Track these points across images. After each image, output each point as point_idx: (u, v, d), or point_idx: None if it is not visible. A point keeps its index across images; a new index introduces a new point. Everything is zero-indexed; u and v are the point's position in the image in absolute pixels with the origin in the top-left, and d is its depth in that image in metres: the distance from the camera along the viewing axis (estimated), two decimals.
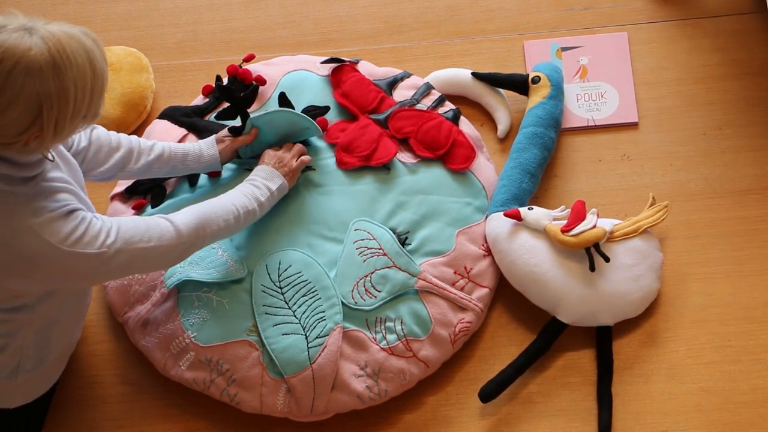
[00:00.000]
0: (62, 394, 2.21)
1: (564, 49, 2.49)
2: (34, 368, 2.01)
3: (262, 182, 2.14)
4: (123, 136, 2.15)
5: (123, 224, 1.90)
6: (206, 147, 2.23)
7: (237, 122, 2.32)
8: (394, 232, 2.24)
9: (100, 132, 2.12)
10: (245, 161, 2.30)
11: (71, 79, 1.71)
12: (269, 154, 2.21)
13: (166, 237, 1.94)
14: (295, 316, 2.16)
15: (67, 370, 2.21)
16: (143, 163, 2.15)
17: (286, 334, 2.14)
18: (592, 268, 2.15)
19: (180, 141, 2.36)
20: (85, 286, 2.07)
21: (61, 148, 1.97)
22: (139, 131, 2.45)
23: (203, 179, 2.31)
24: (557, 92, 2.36)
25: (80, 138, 2.07)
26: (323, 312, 2.16)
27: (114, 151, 2.12)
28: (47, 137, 1.74)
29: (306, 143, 2.31)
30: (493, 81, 2.41)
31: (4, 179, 1.78)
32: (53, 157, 1.86)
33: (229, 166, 2.31)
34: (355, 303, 2.18)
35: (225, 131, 2.27)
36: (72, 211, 1.83)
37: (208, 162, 2.22)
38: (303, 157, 2.24)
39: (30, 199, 1.80)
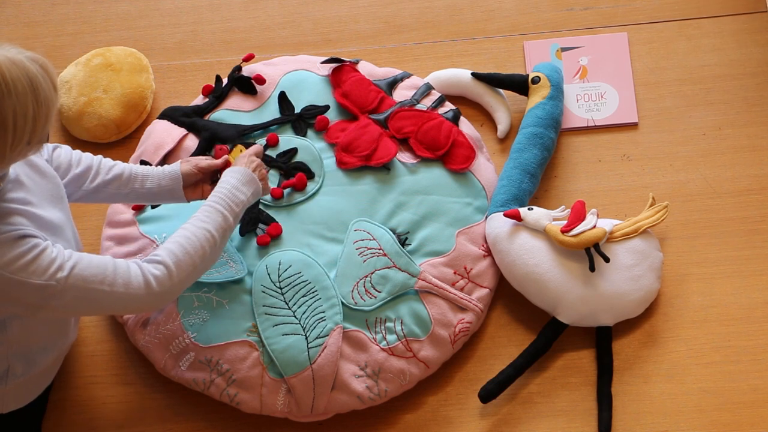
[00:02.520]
0: (62, 394, 2.21)
1: (564, 49, 2.49)
2: (23, 374, 1.99)
3: (234, 187, 2.02)
4: (87, 156, 2.09)
5: (84, 261, 1.83)
6: (168, 167, 2.13)
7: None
8: (394, 233, 2.24)
9: (62, 151, 2.06)
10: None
11: (9, 107, 1.66)
12: (242, 154, 2.10)
13: (134, 286, 1.86)
14: (295, 316, 2.16)
15: (66, 371, 2.21)
16: (99, 182, 2.07)
17: (286, 334, 2.14)
18: (592, 269, 2.15)
19: (180, 141, 2.36)
20: (34, 315, 1.87)
21: (40, 161, 1.93)
22: (139, 131, 2.45)
23: None
24: (557, 92, 2.36)
25: (41, 157, 1.99)
26: (323, 312, 2.16)
27: (71, 168, 2.05)
28: None
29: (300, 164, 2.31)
30: (493, 81, 2.41)
31: None
32: (7, 179, 1.80)
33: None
34: (355, 303, 2.18)
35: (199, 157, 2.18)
36: (23, 237, 1.78)
37: (170, 182, 2.11)
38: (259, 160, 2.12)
39: None
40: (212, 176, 2.17)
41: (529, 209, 2.22)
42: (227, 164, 2.15)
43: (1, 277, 1.76)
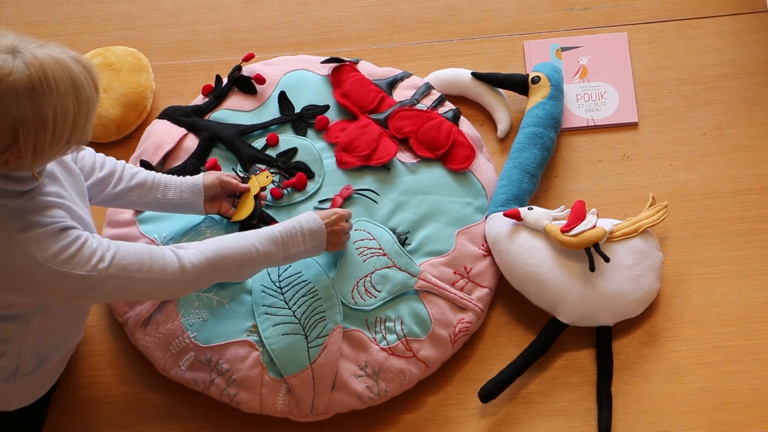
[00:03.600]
0: (62, 394, 2.21)
1: (564, 49, 2.49)
2: (32, 372, 2.00)
3: (301, 232, 2.06)
4: (110, 160, 2.11)
5: (122, 250, 1.86)
6: (191, 179, 2.16)
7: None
8: (394, 232, 2.24)
9: (86, 153, 2.08)
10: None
11: (50, 106, 1.69)
12: (333, 211, 2.12)
13: (169, 272, 1.90)
14: (295, 316, 2.16)
15: (67, 371, 2.21)
16: (121, 188, 2.09)
17: (286, 334, 2.14)
18: (592, 268, 2.15)
19: (180, 141, 2.36)
20: (76, 305, 1.99)
21: (67, 159, 1.95)
22: (139, 131, 2.45)
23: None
24: (557, 92, 2.36)
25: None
26: (323, 312, 2.16)
27: (94, 172, 2.07)
28: (26, 160, 1.72)
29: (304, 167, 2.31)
30: (493, 81, 2.41)
31: None
32: (45, 173, 1.83)
33: None
34: (355, 303, 2.18)
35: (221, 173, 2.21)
36: (65, 229, 1.81)
37: (191, 195, 2.14)
38: (347, 226, 2.15)
39: (22, 214, 1.78)
40: (231, 194, 2.21)
41: (529, 209, 2.22)
42: (250, 189, 2.21)
43: (46, 269, 1.79)
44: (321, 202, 2.28)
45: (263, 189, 2.23)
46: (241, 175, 2.29)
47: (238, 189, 2.20)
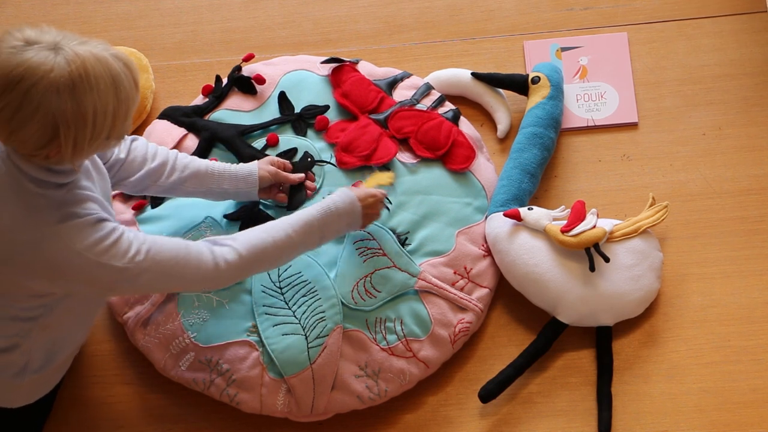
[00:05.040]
0: (62, 394, 2.21)
1: (564, 49, 2.50)
2: (40, 369, 2.01)
3: (336, 213, 2.06)
4: (162, 149, 2.14)
5: (158, 244, 1.88)
6: (245, 169, 2.18)
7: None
8: (394, 233, 2.24)
9: (139, 143, 2.11)
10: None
11: (90, 102, 1.72)
12: (361, 187, 2.15)
13: (203, 269, 1.92)
14: (295, 316, 2.16)
15: (67, 370, 2.21)
16: (175, 179, 2.13)
17: (286, 334, 2.14)
18: (592, 269, 2.15)
19: (180, 141, 2.36)
20: (110, 296, 2.09)
21: (97, 158, 1.98)
22: (139, 131, 2.45)
23: None
24: (557, 92, 2.36)
25: (120, 149, 2.07)
26: (323, 312, 2.16)
27: (147, 162, 2.11)
28: (66, 154, 1.75)
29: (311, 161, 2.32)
30: (493, 81, 2.41)
31: (37, 182, 1.80)
32: (82, 167, 1.87)
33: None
34: (355, 303, 2.18)
35: (276, 158, 2.23)
36: (101, 220, 1.84)
37: (246, 185, 2.17)
38: (381, 207, 2.17)
39: (61, 205, 1.81)
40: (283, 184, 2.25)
41: (529, 209, 2.22)
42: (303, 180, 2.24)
43: (85, 259, 1.81)
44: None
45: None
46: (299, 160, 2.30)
47: (290, 181, 2.22)
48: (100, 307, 2.08)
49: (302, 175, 2.24)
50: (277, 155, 2.33)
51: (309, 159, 2.30)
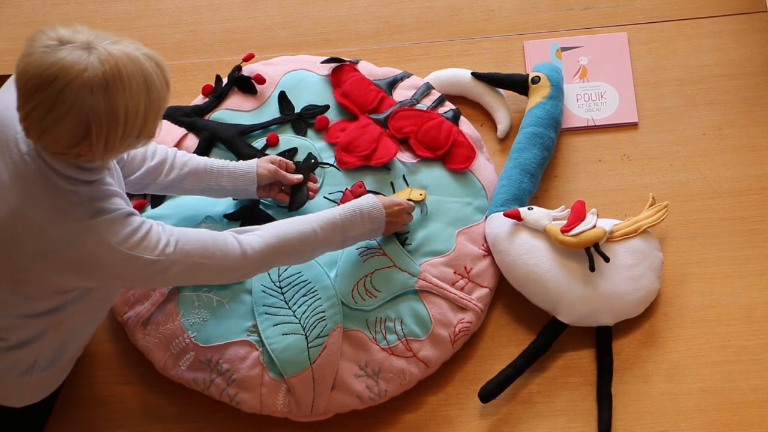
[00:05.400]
0: (63, 394, 2.21)
1: (564, 49, 2.50)
2: (47, 367, 2.01)
3: (360, 216, 2.09)
4: (161, 148, 2.15)
5: (185, 236, 1.91)
6: (244, 166, 2.19)
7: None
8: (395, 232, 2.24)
9: None
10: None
11: (122, 102, 1.73)
12: (395, 200, 2.17)
13: (230, 257, 1.94)
14: (295, 316, 2.16)
15: None
16: (174, 177, 2.14)
17: (286, 334, 2.14)
18: (592, 268, 2.15)
19: (180, 140, 2.36)
20: (141, 288, 2.13)
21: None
22: None
23: None
24: (557, 92, 2.36)
25: None
26: (323, 312, 2.16)
27: (146, 161, 2.12)
28: (97, 153, 1.77)
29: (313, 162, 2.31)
30: (493, 81, 2.41)
31: (68, 180, 1.81)
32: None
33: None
34: (355, 303, 2.18)
35: (278, 158, 2.24)
36: (130, 214, 1.86)
37: (245, 182, 2.18)
38: (407, 219, 2.19)
39: (91, 200, 1.83)
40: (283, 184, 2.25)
41: (529, 209, 2.22)
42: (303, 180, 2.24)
43: (119, 253, 1.83)
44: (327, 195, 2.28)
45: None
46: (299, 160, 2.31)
47: (288, 181, 2.23)
48: (109, 307, 2.08)
49: (300, 176, 2.24)
50: (276, 155, 2.32)
51: (312, 161, 2.29)
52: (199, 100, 2.44)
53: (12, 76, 1.87)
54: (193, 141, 2.37)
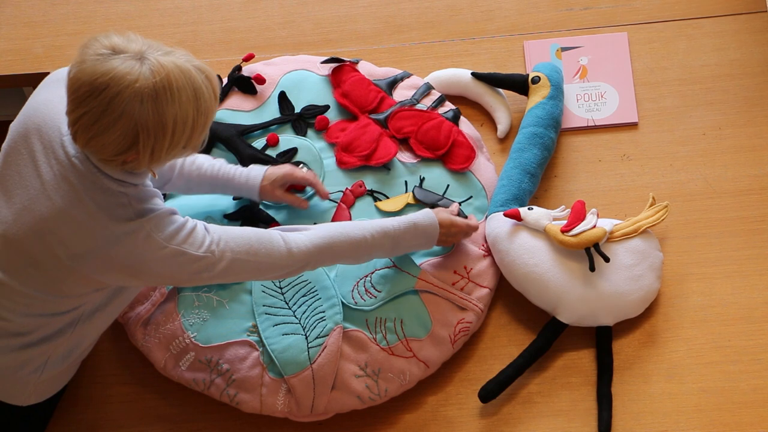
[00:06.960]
0: (63, 394, 2.21)
1: (564, 49, 2.50)
2: (57, 365, 2.02)
3: (414, 230, 2.11)
4: None
5: (228, 233, 1.93)
6: (251, 178, 2.19)
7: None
8: None
9: None
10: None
11: (171, 113, 1.75)
12: (446, 211, 2.18)
13: (275, 255, 1.96)
14: (295, 316, 2.16)
15: None
16: (182, 185, 2.17)
17: (286, 334, 2.15)
18: (592, 269, 2.15)
19: None
20: (187, 286, 2.12)
21: None
22: None
23: None
24: (557, 92, 2.36)
25: None
26: (323, 312, 2.16)
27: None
28: (143, 161, 1.80)
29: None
30: (493, 81, 2.41)
31: (118, 182, 1.84)
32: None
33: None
34: (355, 303, 2.18)
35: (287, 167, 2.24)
36: (173, 213, 1.89)
37: (249, 194, 2.20)
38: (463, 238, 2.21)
39: (139, 200, 1.86)
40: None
41: (529, 209, 2.22)
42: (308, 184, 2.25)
43: (168, 250, 1.87)
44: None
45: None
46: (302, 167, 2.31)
47: (296, 204, 2.24)
48: (124, 306, 2.09)
49: (312, 176, 2.24)
50: (277, 155, 2.33)
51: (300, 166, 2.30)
52: None
53: (48, 75, 1.93)
54: None
